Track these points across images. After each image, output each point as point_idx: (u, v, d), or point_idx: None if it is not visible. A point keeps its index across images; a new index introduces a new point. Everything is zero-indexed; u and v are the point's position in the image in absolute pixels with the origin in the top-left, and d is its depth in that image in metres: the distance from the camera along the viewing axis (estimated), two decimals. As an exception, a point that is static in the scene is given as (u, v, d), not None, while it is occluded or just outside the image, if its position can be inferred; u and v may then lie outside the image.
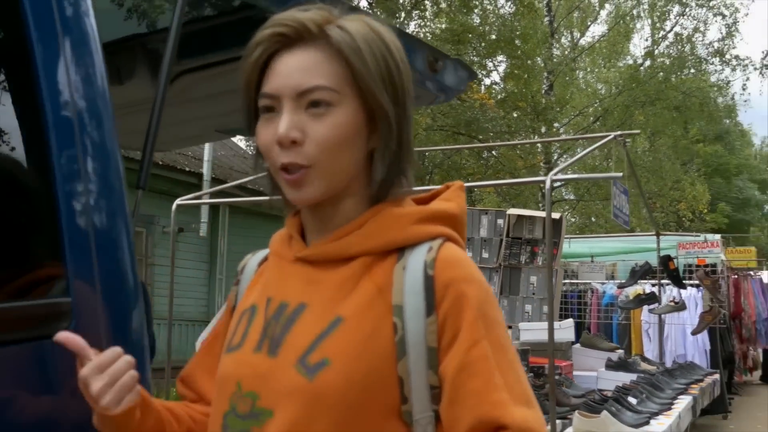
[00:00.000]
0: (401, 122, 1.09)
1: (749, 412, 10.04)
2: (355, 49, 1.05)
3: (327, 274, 1.09)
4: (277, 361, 1.04)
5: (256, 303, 1.14)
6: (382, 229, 1.08)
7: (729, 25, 21.63)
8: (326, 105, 1.05)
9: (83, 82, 1.47)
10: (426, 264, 1.05)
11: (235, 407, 1.07)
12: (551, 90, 20.56)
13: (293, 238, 1.16)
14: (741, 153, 41.48)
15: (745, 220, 38.74)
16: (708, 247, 8.73)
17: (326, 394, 1.00)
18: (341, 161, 1.07)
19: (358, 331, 1.03)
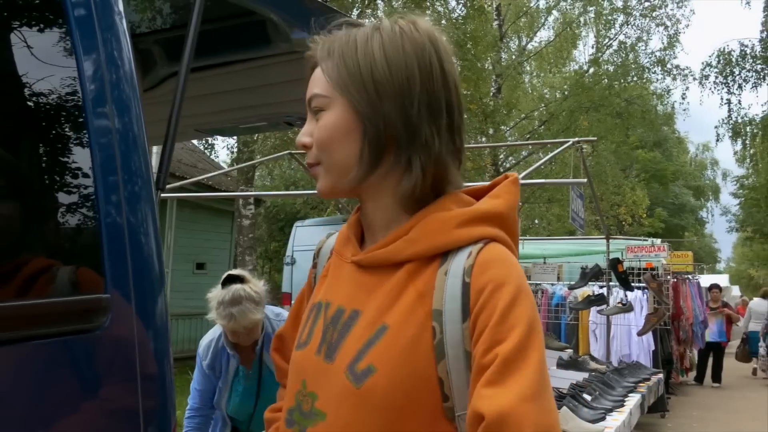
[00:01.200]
0: (389, 125, 1.11)
1: (685, 412, 10.42)
2: (324, 58, 1.16)
3: (378, 280, 1.14)
4: (332, 367, 1.11)
5: (322, 301, 1.21)
6: (426, 234, 1.11)
7: (671, 36, 22.30)
8: (321, 110, 1.15)
9: (117, 73, 1.51)
10: (464, 270, 1.07)
11: (300, 404, 1.15)
12: (499, 93, 20.87)
13: (350, 238, 1.23)
14: (678, 160, 42.72)
15: (680, 225, 39.96)
16: (655, 251, 9.03)
17: (372, 399, 1.05)
18: (336, 156, 1.14)
19: (400, 337, 1.07)
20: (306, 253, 11.32)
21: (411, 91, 1.11)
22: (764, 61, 17.75)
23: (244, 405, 3.53)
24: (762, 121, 18.38)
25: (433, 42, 1.17)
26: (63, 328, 1.32)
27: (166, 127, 1.80)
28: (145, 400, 1.44)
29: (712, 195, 48.75)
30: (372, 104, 1.11)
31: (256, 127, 3.60)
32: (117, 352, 1.41)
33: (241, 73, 2.73)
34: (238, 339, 3.40)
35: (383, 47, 1.12)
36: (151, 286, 1.49)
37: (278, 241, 23.42)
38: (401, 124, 1.11)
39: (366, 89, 1.11)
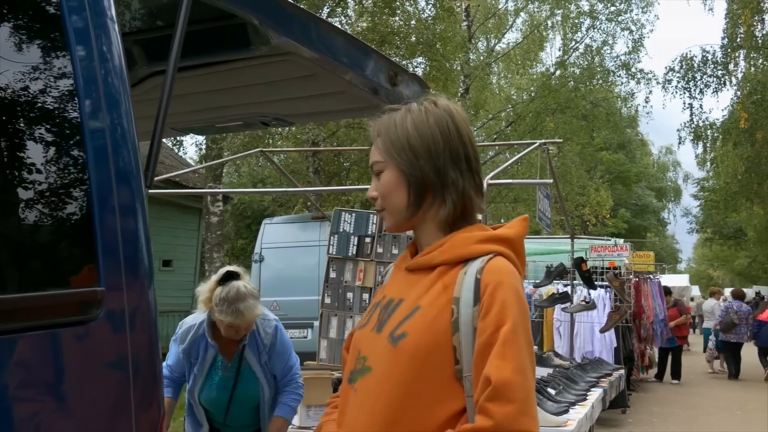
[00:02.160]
0: (420, 172, 1.59)
1: (646, 407, 10.67)
2: (380, 133, 1.65)
3: (418, 278, 1.61)
4: (380, 336, 1.56)
5: (381, 299, 1.67)
6: (453, 248, 1.58)
7: (635, 40, 22.70)
8: (381, 171, 1.64)
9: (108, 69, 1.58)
10: (477, 270, 1.52)
11: (356, 366, 1.60)
12: (467, 93, 21.06)
13: (407, 256, 1.69)
14: (641, 162, 43.39)
15: (642, 226, 40.60)
16: (618, 251, 9.24)
17: (403, 355, 1.50)
18: (394, 202, 1.62)
19: (428, 314, 1.52)
20: (274, 250, 11.35)
21: (436, 150, 1.59)
22: (725, 67, 18.15)
23: (219, 396, 3.60)
24: (722, 126, 18.77)
25: (449, 113, 1.63)
26: (61, 319, 1.40)
27: (153, 127, 1.87)
28: (136, 388, 1.51)
29: (674, 197, 49.60)
30: (411, 163, 1.59)
31: (231, 127, 3.66)
32: (111, 342, 1.48)
33: (219, 74, 2.78)
34: (233, 334, 3.46)
35: (413, 123, 1.61)
36: (142, 279, 1.57)
37: (245, 239, 23.36)
38: (433, 173, 1.59)
39: (405, 154, 1.59)
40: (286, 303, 10.41)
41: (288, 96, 3.01)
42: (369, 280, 6.80)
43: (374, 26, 15.52)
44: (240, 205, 22.95)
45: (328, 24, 2.61)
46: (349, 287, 6.86)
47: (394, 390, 1.49)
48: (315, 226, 11.21)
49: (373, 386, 1.52)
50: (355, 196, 18.51)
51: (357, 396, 1.56)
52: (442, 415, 1.48)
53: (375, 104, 3.07)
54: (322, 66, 2.57)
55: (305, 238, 11.21)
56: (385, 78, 2.84)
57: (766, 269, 36.59)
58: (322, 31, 2.49)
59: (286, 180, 14.34)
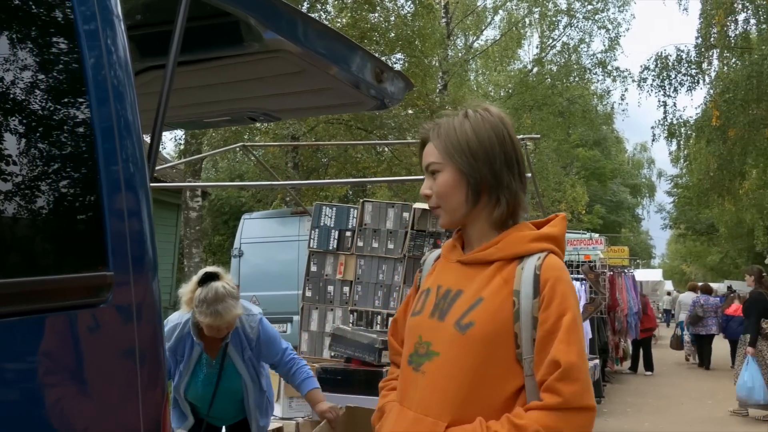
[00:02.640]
0: (480, 174, 1.73)
1: (620, 398, 10.89)
2: (441, 136, 1.77)
3: (475, 272, 1.75)
4: (443, 324, 1.71)
5: (431, 287, 1.81)
6: (510, 245, 1.74)
7: (612, 39, 22.97)
8: (437, 171, 1.77)
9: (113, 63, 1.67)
10: (536, 267, 1.69)
11: (417, 350, 1.75)
12: (445, 89, 21.19)
13: (456, 247, 1.83)
14: (616, 159, 43.84)
15: (617, 222, 41.05)
16: (593, 244, 9.41)
17: (472, 341, 1.66)
18: (451, 201, 1.76)
19: (491, 305, 1.68)
20: (253, 245, 11.40)
21: (494, 153, 1.73)
22: (698, 66, 18.43)
23: (204, 392, 3.68)
24: (696, 123, 19.06)
25: (502, 120, 1.78)
26: (74, 301, 1.48)
27: (154, 121, 1.95)
28: (143, 369, 1.60)
29: (648, 193, 50.15)
30: (471, 165, 1.73)
31: (219, 122, 3.73)
32: (119, 323, 1.57)
33: (209, 70, 2.84)
34: (216, 333, 3.53)
35: (472, 128, 1.75)
36: (147, 265, 1.66)
37: (222, 235, 23.33)
38: (491, 176, 1.73)
39: (466, 156, 1.73)
40: (265, 298, 10.46)
41: (277, 92, 3.09)
42: (349, 273, 6.89)
43: (354, 22, 15.60)
44: (217, 201, 22.92)
45: (318, 22, 2.70)
46: (329, 280, 6.95)
47: (463, 372, 1.67)
48: (294, 221, 11.28)
49: (442, 369, 1.69)
50: (333, 192, 18.59)
51: (425, 378, 1.71)
52: (505, 393, 1.67)
53: (361, 100, 3.17)
54: (311, 63, 2.66)
55: (284, 233, 11.27)
56: (371, 75, 2.93)
57: (738, 264, 37.15)
58: (311, 28, 2.58)
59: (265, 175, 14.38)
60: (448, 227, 1.81)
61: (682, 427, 8.83)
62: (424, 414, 1.69)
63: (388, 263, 6.85)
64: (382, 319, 6.75)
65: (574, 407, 1.60)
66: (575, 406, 1.60)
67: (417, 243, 6.83)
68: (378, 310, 6.80)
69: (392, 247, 6.89)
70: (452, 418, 1.66)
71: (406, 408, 1.74)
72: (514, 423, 1.61)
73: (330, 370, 4.05)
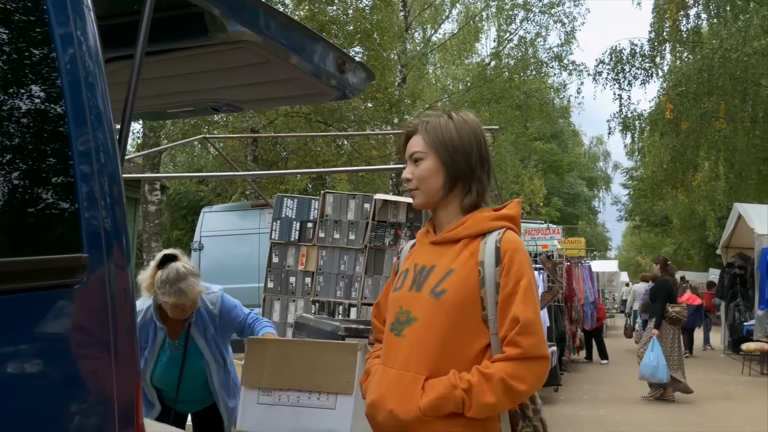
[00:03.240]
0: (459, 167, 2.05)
1: (577, 386, 11.12)
2: (429, 131, 2.09)
3: (445, 249, 2.06)
4: (420, 294, 2.01)
5: (408, 267, 2.11)
6: (474, 224, 2.05)
7: (567, 33, 23.29)
8: (420, 159, 2.08)
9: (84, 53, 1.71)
10: (496, 240, 1.99)
11: (398, 318, 2.04)
12: (404, 83, 21.28)
13: (429, 231, 2.15)
14: (573, 151, 44.46)
15: (574, 214, 41.66)
16: (550, 234, 9.60)
17: (445, 306, 1.96)
18: (430, 185, 2.06)
19: (460, 275, 1.98)
20: (214, 238, 11.36)
21: (471, 150, 2.06)
22: (652, 60, 18.82)
23: (169, 374, 3.72)
24: (649, 116, 19.47)
25: (478, 126, 2.14)
26: (50, 282, 1.53)
27: (123, 110, 1.99)
28: (116, 346, 1.65)
29: (604, 185, 50.96)
30: (451, 157, 2.05)
31: (182, 113, 3.76)
32: (94, 304, 1.62)
33: (173, 61, 2.86)
34: (180, 314, 3.57)
35: (456, 127, 2.08)
36: (120, 248, 1.71)
37: (181, 229, 23.13)
38: (467, 168, 2.06)
39: (448, 150, 2.05)
40: (226, 290, 10.39)
41: (240, 82, 3.14)
42: (311, 264, 6.95)
43: (312, 15, 15.60)
44: (176, 195, 22.72)
45: (281, 13, 2.75)
46: (291, 272, 6.99)
47: (439, 333, 1.95)
48: (255, 214, 11.27)
49: (421, 331, 1.97)
50: (293, 185, 18.58)
51: (406, 341, 1.99)
52: (474, 350, 1.95)
53: (323, 91, 3.23)
54: (274, 53, 2.71)
55: (245, 226, 11.26)
56: (333, 65, 2.99)
57: (691, 255, 37.99)
58: (275, 20, 2.63)
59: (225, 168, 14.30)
60: (422, 207, 2.10)
61: (636, 413, 9.07)
62: (405, 370, 1.96)
63: (349, 254, 6.92)
64: (344, 309, 6.82)
65: (532, 356, 1.88)
66: (533, 355, 1.88)
67: (378, 234, 6.89)
68: (340, 300, 6.86)
69: (353, 238, 6.95)
70: (430, 372, 1.93)
71: (389, 368, 2.02)
72: (482, 372, 1.89)
73: (293, 358, 4.11)
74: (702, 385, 11.38)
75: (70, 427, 1.55)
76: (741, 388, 11.23)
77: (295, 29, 2.73)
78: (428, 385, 1.92)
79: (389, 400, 1.97)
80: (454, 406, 1.89)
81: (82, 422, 1.58)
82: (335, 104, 15.50)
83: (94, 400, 1.61)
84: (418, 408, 1.91)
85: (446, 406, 1.89)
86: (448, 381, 1.89)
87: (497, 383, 1.86)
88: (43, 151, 1.58)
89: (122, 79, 3.01)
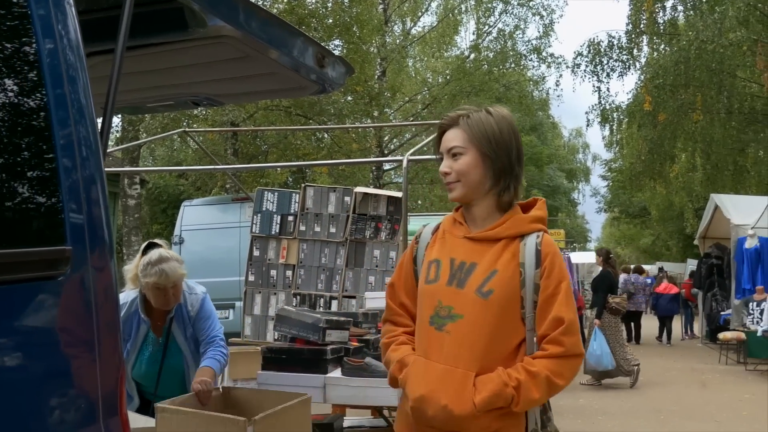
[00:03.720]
0: (500, 163, 2.11)
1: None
2: (471, 126, 2.12)
3: (484, 248, 2.12)
4: (464, 291, 2.07)
5: (440, 258, 2.15)
6: (514, 225, 2.13)
7: (546, 25, 23.39)
8: (460, 154, 2.12)
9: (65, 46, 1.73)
10: (536, 243, 2.10)
11: (438, 313, 2.09)
12: (384, 76, 21.29)
13: (460, 224, 2.19)
14: (552, 144, 44.69)
15: (554, 206, 41.88)
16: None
17: (493, 305, 2.05)
18: (471, 179, 2.11)
19: (505, 275, 2.07)
20: (194, 232, 11.34)
21: (511, 146, 2.13)
22: (629, 52, 18.96)
23: (149, 370, 3.74)
24: (627, 108, 19.63)
25: (514, 122, 2.19)
26: (33, 274, 1.55)
27: (104, 105, 2.01)
28: (100, 338, 1.68)
29: (584, 177, 51.29)
30: (495, 152, 2.10)
31: (162, 107, 3.77)
32: (77, 296, 1.64)
33: (153, 55, 2.88)
34: (163, 302, 3.59)
35: (497, 123, 2.12)
36: (103, 241, 1.73)
37: (161, 223, 23.02)
38: (507, 164, 2.12)
39: (490, 144, 2.10)
40: (206, 284, 10.28)
41: (220, 77, 3.16)
42: (292, 257, 6.97)
43: (291, 8, 15.56)
44: (155, 189, 22.60)
45: (261, 8, 2.77)
46: (272, 265, 7.02)
47: (486, 330, 2.05)
48: (235, 208, 11.27)
49: (469, 329, 2.05)
50: (273, 179, 18.55)
51: (451, 336, 2.06)
52: (512, 346, 2.08)
53: (303, 85, 3.26)
54: (254, 48, 2.73)
55: (225, 220, 11.25)
56: (312, 60, 3.02)
57: (669, 246, 38.35)
58: (254, 15, 2.65)
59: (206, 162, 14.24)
60: (460, 201, 2.16)
61: (615, 402, 9.20)
62: (453, 366, 2.05)
63: (330, 247, 6.95)
64: (325, 302, 6.86)
65: (572, 354, 2.04)
66: (574, 353, 2.04)
67: (358, 227, 6.93)
68: (321, 293, 6.90)
69: (334, 231, 6.98)
70: (478, 368, 2.04)
71: (434, 362, 2.07)
72: (528, 370, 2.01)
73: (274, 350, 4.13)
74: (679, 374, 11.57)
75: (54, 418, 1.57)
76: (718, 377, 11.40)
77: (274, 24, 2.75)
78: (479, 382, 2.02)
79: (442, 396, 2.03)
80: (504, 402, 2.00)
81: (66, 413, 1.60)
82: (315, 98, 15.48)
83: (78, 391, 1.63)
84: (472, 404, 2.00)
85: (498, 402, 2.00)
86: (499, 379, 2.01)
87: (543, 380, 2.00)
88: (25, 145, 1.60)
89: (103, 74, 3.03)
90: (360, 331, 4.71)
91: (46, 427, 1.55)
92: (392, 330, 2.26)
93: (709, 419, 8.03)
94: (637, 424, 7.75)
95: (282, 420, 3.22)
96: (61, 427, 1.58)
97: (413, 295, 2.24)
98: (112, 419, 1.71)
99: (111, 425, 1.69)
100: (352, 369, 3.98)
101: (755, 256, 13.19)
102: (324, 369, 4.01)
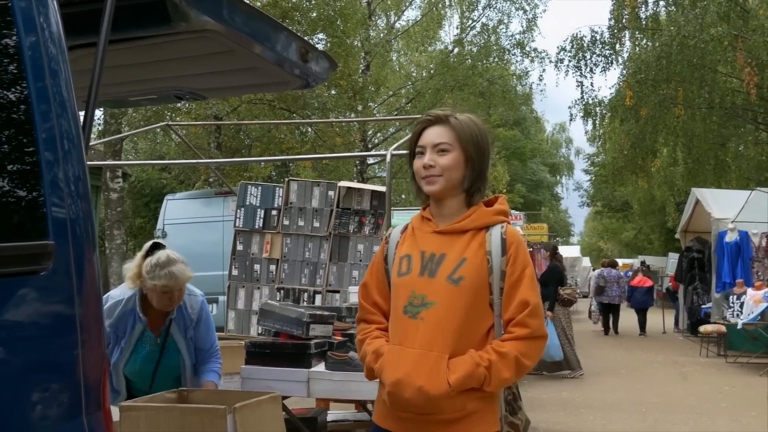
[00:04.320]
0: (479, 166, 2.24)
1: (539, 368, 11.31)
2: (460, 127, 2.23)
3: (452, 239, 2.23)
4: (436, 280, 2.18)
5: (410, 253, 2.26)
6: (480, 218, 2.25)
7: (529, 20, 23.44)
8: (446, 151, 2.22)
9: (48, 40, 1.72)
10: (501, 233, 2.23)
11: (411, 302, 2.19)
12: (368, 70, 21.27)
13: (427, 219, 2.30)
14: (535, 138, 44.82)
15: (537, 200, 42.07)
16: (513, 220, 9.76)
17: (464, 291, 2.15)
18: (453, 176, 2.22)
19: (473, 263, 2.18)
20: (177, 225, 11.30)
21: (487, 151, 2.28)
22: (612, 47, 19.05)
23: (144, 369, 3.74)
24: (610, 103, 19.72)
25: (487, 129, 2.33)
26: (16, 269, 1.54)
27: (86, 99, 2.00)
28: (83, 332, 1.68)
29: (567, 171, 51.50)
30: (476, 155, 2.23)
31: (145, 100, 3.75)
32: (60, 291, 1.64)
33: (136, 49, 2.86)
34: (167, 303, 3.57)
35: (479, 128, 2.27)
36: (86, 236, 1.73)
37: (143, 217, 22.93)
38: (483, 168, 2.26)
39: (475, 147, 2.23)
40: (190, 279, 10.38)
41: (203, 71, 3.15)
42: (276, 251, 6.96)
43: (275, 2, 15.50)
44: (138, 182, 22.48)
45: (244, 2, 2.76)
46: (256, 259, 7.01)
47: (458, 316, 2.15)
48: (218, 202, 11.24)
49: (443, 315, 2.15)
50: (257, 173, 18.49)
51: (425, 323, 2.16)
52: (482, 331, 2.19)
53: (286, 79, 3.26)
54: (237, 42, 2.73)
55: (209, 214, 11.22)
56: (296, 54, 3.02)
57: (651, 240, 38.65)
58: (238, 9, 2.64)
59: (189, 155, 14.18)
60: (438, 195, 2.25)
61: (598, 395, 9.27)
62: (427, 350, 2.13)
63: (314, 241, 6.94)
64: (309, 296, 6.86)
65: (538, 335, 2.16)
66: (539, 334, 2.16)
67: (342, 221, 6.92)
68: (305, 287, 6.89)
69: (318, 225, 6.98)
70: (451, 351, 2.13)
71: (408, 347, 2.16)
72: (498, 351, 2.12)
73: (258, 344, 4.13)
74: (660, 367, 11.67)
75: (37, 413, 1.57)
76: (698, 369, 11.51)
77: (258, 18, 2.75)
78: (453, 364, 2.12)
79: (417, 378, 2.12)
80: (477, 381, 2.10)
81: (49, 408, 1.60)
82: (299, 92, 15.43)
83: (61, 386, 1.63)
84: (447, 384, 2.09)
85: (471, 382, 2.10)
86: (472, 360, 2.11)
87: (512, 360, 2.11)
88: (6, 138, 1.59)
89: (85, 67, 3.01)
90: (344, 325, 4.72)
91: (30, 422, 1.55)
92: (366, 327, 2.35)
93: (690, 411, 8.12)
94: (619, 417, 7.81)
95: (258, 414, 3.22)
96: (44, 422, 1.58)
97: (386, 294, 2.33)
98: (95, 413, 1.71)
99: (94, 419, 1.70)
100: (335, 363, 3.98)
101: (735, 249, 13.32)
102: (308, 363, 4.02)
